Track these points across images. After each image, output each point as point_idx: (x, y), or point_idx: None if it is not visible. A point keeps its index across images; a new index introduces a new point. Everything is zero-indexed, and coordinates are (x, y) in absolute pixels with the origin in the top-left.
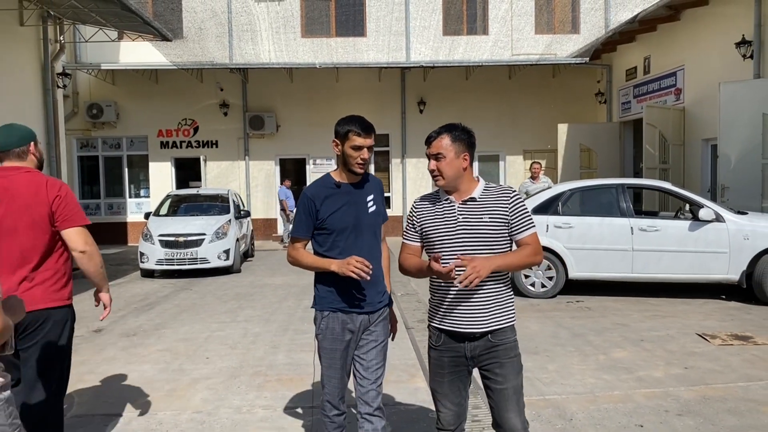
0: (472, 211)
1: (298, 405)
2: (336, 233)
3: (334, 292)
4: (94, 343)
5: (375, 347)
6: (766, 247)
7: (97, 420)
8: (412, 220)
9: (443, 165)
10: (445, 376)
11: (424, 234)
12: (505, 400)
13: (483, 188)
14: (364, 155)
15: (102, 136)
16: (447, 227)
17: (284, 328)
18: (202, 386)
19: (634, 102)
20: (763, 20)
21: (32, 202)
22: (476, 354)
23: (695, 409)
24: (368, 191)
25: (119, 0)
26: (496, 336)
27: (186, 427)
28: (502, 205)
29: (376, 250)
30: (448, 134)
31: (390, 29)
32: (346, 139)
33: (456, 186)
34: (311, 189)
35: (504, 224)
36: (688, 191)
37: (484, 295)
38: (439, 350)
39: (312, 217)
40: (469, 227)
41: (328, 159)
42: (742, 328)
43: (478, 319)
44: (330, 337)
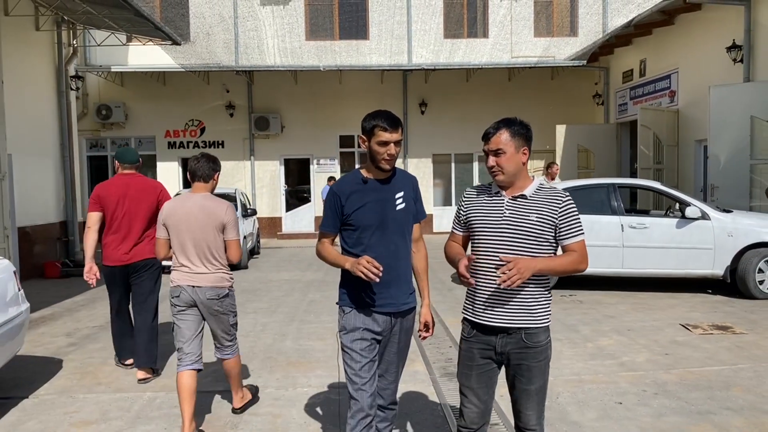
0: (521, 208)
1: (306, 385)
2: (361, 230)
3: (357, 289)
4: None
5: (397, 350)
6: (749, 243)
7: (121, 400)
8: (459, 211)
9: (503, 161)
10: (473, 369)
11: (469, 225)
12: (527, 399)
13: (536, 187)
14: (390, 151)
15: (111, 136)
16: (492, 221)
17: (290, 318)
18: (218, 368)
19: (630, 104)
20: (752, 26)
21: (146, 195)
22: (507, 350)
23: (671, 390)
24: (397, 188)
25: (132, 6)
26: (530, 337)
27: (205, 403)
28: (552, 206)
29: (403, 249)
30: (507, 129)
31: (392, 33)
32: (372, 134)
33: (513, 182)
34: (338, 184)
35: (551, 226)
36: (677, 190)
37: (521, 296)
38: (469, 341)
39: (337, 213)
40: (515, 224)
41: (332, 159)
42: (723, 320)
43: (511, 317)
44: (351, 335)
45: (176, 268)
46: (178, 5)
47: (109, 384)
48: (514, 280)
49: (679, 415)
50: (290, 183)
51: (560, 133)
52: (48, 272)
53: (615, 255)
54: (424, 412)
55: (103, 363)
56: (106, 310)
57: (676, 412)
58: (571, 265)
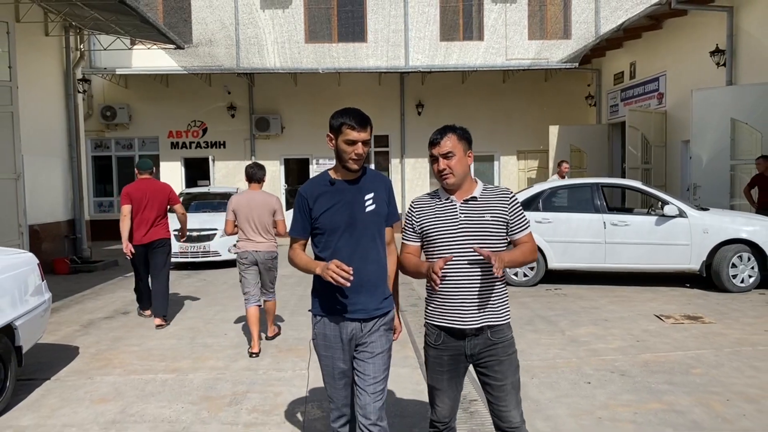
0: (474, 209)
1: (305, 368)
2: (328, 233)
3: (327, 295)
4: (121, 322)
5: (371, 359)
6: (723, 240)
7: (137, 379)
8: (411, 221)
9: (454, 163)
10: (444, 374)
11: (423, 234)
12: (504, 396)
13: (482, 188)
14: (358, 150)
15: (115, 136)
16: (448, 227)
17: (283, 307)
18: (224, 354)
19: (621, 105)
20: (735, 31)
21: (160, 193)
22: (476, 352)
23: (636, 371)
24: (367, 189)
25: (138, 13)
26: (495, 334)
27: (213, 382)
28: (502, 205)
29: (373, 252)
30: (454, 133)
31: (389, 36)
32: (340, 132)
33: (461, 185)
34: (306, 186)
35: (503, 224)
36: (656, 189)
37: (481, 290)
38: (439, 349)
39: (306, 216)
40: (471, 226)
41: (331, 159)
42: (695, 311)
43: (475, 314)
44: (323, 344)
45: (242, 240)
46: (180, 10)
47: (123, 367)
48: (501, 267)
49: (632, 394)
50: (290, 182)
51: (553, 134)
52: (57, 268)
53: (598, 251)
54: (414, 405)
55: (115, 349)
56: (114, 302)
57: (630, 392)
58: (529, 255)
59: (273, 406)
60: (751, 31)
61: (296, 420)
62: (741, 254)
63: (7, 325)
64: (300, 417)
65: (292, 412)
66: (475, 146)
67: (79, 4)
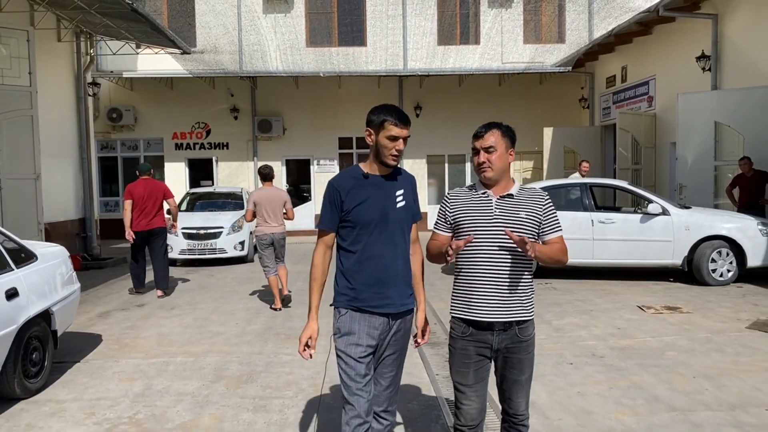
0: (510, 207)
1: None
2: (360, 227)
3: (355, 288)
4: (139, 313)
5: (392, 352)
6: (703, 236)
7: (158, 361)
8: (445, 211)
9: (494, 157)
10: (471, 366)
11: (457, 225)
12: (518, 389)
13: (519, 187)
14: (399, 146)
15: (121, 138)
16: (483, 220)
17: (298, 302)
18: (238, 341)
19: (613, 107)
20: (719, 37)
21: (157, 190)
22: (502, 347)
23: (614, 354)
24: (399, 185)
25: (149, 21)
26: (523, 331)
27: (226, 364)
28: (537, 205)
29: (402, 248)
30: (498, 129)
31: (388, 40)
32: (382, 128)
33: (498, 180)
34: (337, 178)
35: (536, 224)
36: (641, 189)
37: (510, 285)
38: (466, 340)
39: (337, 208)
40: (506, 221)
41: (331, 160)
42: (675, 302)
43: (504, 308)
44: (346, 339)
45: (261, 225)
46: (184, 15)
47: (144, 351)
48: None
49: (605, 374)
50: (291, 183)
51: (548, 136)
52: None
53: (586, 247)
54: (419, 401)
55: (134, 336)
56: (126, 295)
57: (603, 373)
58: (559, 253)
59: (285, 383)
60: (734, 37)
61: (309, 393)
62: (720, 250)
63: (45, 311)
64: (312, 391)
65: (305, 388)
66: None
67: (92, 12)
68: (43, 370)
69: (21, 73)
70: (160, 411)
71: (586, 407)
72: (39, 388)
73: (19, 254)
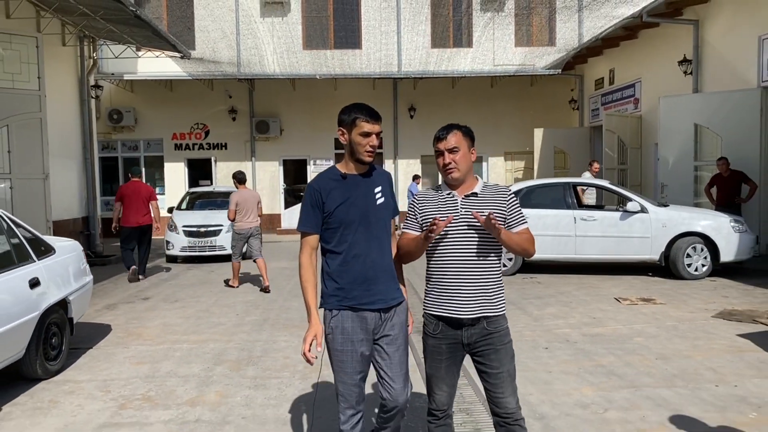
0: (474, 205)
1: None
2: (344, 227)
3: (344, 287)
4: (144, 306)
5: (396, 351)
6: (680, 233)
7: (165, 348)
8: (414, 210)
9: (459, 157)
10: (442, 362)
11: (424, 225)
12: (501, 384)
13: (482, 185)
14: (372, 142)
15: (121, 138)
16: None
17: (287, 294)
18: (237, 330)
19: (601, 109)
20: (700, 42)
21: (144, 191)
22: (473, 341)
23: (586, 339)
24: (376, 182)
25: (151, 26)
26: (491, 324)
27: (228, 350)
28: (500, 201)
29: (386, 243)
30: (459, 130)
31: (383, 43)
32: (354, 126)
33: (463, 180)
34: (317, 180)
35: (502, 219)
36: (622, 188)
37: (478, 282)
38: (437, 338)
39: (319, 210)
40: (471, 220)
41: (327, 160)
42: (650, 295)
43: (471, 305)
44: (340, 338)
45: (240, 222)
46: (183, 19)
47: (151, 339)
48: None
49: (572, 357)
50: (288, 182)
51: (538, 136)
52: None
53: (569, 243)
54: None
55: (140, 326)
56: (129, 289)
57: (571, 356)
58: (526, 243)
59: (282, 366)
60: (714, 43)
61: (305, 374)
62: (695, 246)
63: (62, 299)
64: (308, 372)
65: (300, 369)
66: None
67: (97, 18)
68: (61, 353)
69: (30, 77)
70: (169, 389)
71: (553, 384)
72: (57, 370)
73: (40, 247)
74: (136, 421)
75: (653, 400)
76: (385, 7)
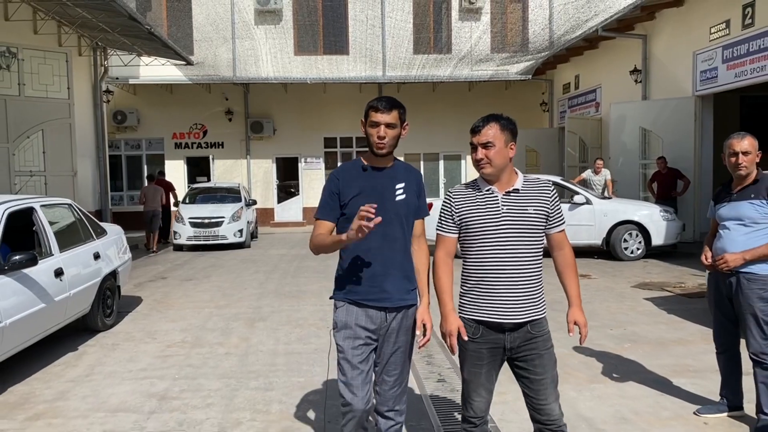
0: (516, 202)
1: (308, 305)
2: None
3: (352, 281)
4: (164, 283)
5: (394, 350)
6: (618, 221)
7: (195, 312)
8: (450, 210)
9: (492, 153)
10: (483, 367)
11: (463, 224)
12: (544, 390)
13: (524, 180)
14: (380, 132)
15: (125, 138)
16: (490, 218)
17: (286, 274)
18: (247, 300)
19: (568, 111)
20: (648, 55)
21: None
22: (515, 345)
23: None
24: (398, 178)
25: (161, 40)
26: (535, 327)
27: (245, 312)
28: (544, 197)
29: (401, 242)
30: (497, 123)
31: (368, 49)
32: (367, 117)
33: (500, 176)
34: (339, 169)
35: (545, 217)
36: (570, 183)
37: (522, 284)
38: (477, 342)
39: (335, 199)
40: (514, 218)
41: (317, 158)
42: (590, 272)
43: (516, 308)
44: (343, 332)
45: (148, 206)
46: (183, 27)
47: (179, 309)
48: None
49: None
50: (281, 179)
51: None
52: None
53: None
54: None
55: (169, 298)
56: (149, 272)
57: None
58: (572, 263)
59: (287, 321)
60: (659, 55)
61: (304, 328)
62: (631, 232)
63: (113, 270)
64: (308, 325)
65: (302, 324)
66: (444, 147)
67: (115, 34)
68: (113, 312)
69: (61, 87)
70: (200, 336)
71: None
72: (111, 325)
73: (97, 229)
74: (181, 353)
75: (561, 340)
76: (371, 16)
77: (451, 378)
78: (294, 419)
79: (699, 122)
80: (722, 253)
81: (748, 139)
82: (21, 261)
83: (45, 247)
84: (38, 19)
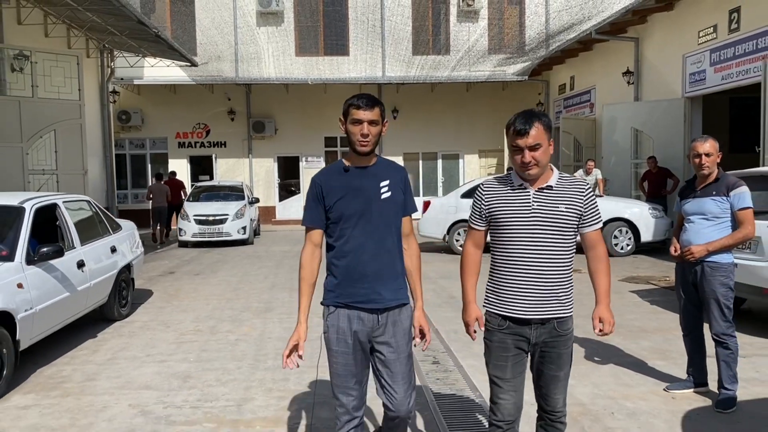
0: (548, 199)
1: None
2: (343, 221)
3: (341, 284)
4: (173, 277)
5: (398, 358)
6: (609, 218)
7: (206, 304)
8: (480, 204)
9: (540, 154)
10: (509, 359)
11: (492, 219)
12: (555, 384)
13: (558, 177)
14: (363, 130)
15: (129, 137)
16: (520, 214)
17: (290, 269)
18: (255, 293)
19: (564, 112)
20: (640, 57)
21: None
22: (540, 341)
23: None
24: (382, 176)
25: (168, 43)
26: (561, 325)
27: (254, 304)
28: (578, 195)
29: (389, 241)
30: (539, 122)
31: (368, 50)
32: (348, 115)
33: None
34: (319, 174)
35: (577, 215)
36: None
37: (550, 281)
38: (503, 332)
39: (321, 203)
40: (544, 216)
41: (318, 157)
42: (582, 267)
43: (543, 305)
44: (335, 337)
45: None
46: (187, 28)
47: (189, 302)
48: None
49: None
50: (282, 177)
51: None
52: None
53: None
54: None
55: (180, 291)
56: (159, 267)
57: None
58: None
59: (294, 311)
60: (650, 58)
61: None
62: (621, 229)
63: (128, 263)
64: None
65: None
66: (442, 146)
67: (123, 36)
68: (128, 303)
69: (72, 89)
70: (212, 325)
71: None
72: (127, 314)
73: (113, 224)
74: (196, 340)
75: None
76: (371, 18)
77: (445, 360)
78: (308, 395)
79: (688, 123)
80: (688, 245)
81: (710, 142)
82: (49, 252)
83: (68, 240)
84: (49, 23)
